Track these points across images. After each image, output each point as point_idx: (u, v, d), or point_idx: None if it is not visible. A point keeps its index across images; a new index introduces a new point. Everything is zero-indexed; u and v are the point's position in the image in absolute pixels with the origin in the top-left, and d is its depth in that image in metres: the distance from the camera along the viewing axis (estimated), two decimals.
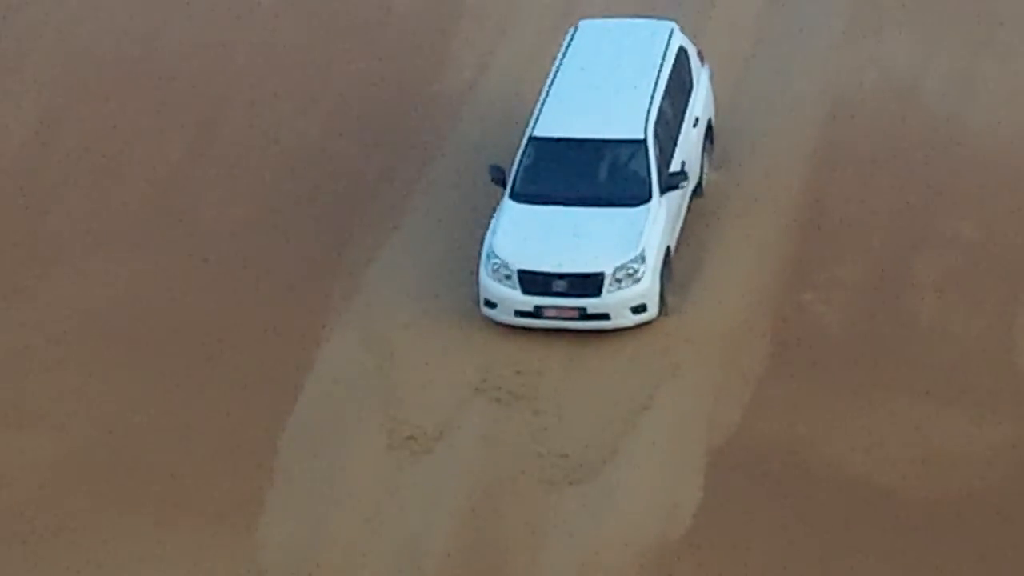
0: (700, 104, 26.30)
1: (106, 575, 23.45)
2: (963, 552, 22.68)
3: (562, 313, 23.71)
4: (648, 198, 24.20)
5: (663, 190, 24.32)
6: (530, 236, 24.17)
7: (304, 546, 23.64)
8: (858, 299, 26.64)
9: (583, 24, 26.82)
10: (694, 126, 25.87)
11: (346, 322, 26.55)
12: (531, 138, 24.88)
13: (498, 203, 24.90)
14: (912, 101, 30.35)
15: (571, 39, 26.37)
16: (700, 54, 26.91)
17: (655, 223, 24.12)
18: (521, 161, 24.82)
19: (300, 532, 23.93)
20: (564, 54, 26.06)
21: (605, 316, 23.73)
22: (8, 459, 25.39)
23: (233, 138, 31.41)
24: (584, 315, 23.72)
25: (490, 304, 24.13)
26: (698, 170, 25.69)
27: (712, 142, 26.55)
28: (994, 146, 28.95)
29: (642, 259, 23.70)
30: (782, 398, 25.11)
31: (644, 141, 24.53)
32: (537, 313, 23.81)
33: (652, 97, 24.96)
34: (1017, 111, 29.37)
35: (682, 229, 25.24)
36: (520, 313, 23.86)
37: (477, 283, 24.52)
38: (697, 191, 25.70)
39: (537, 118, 25.06)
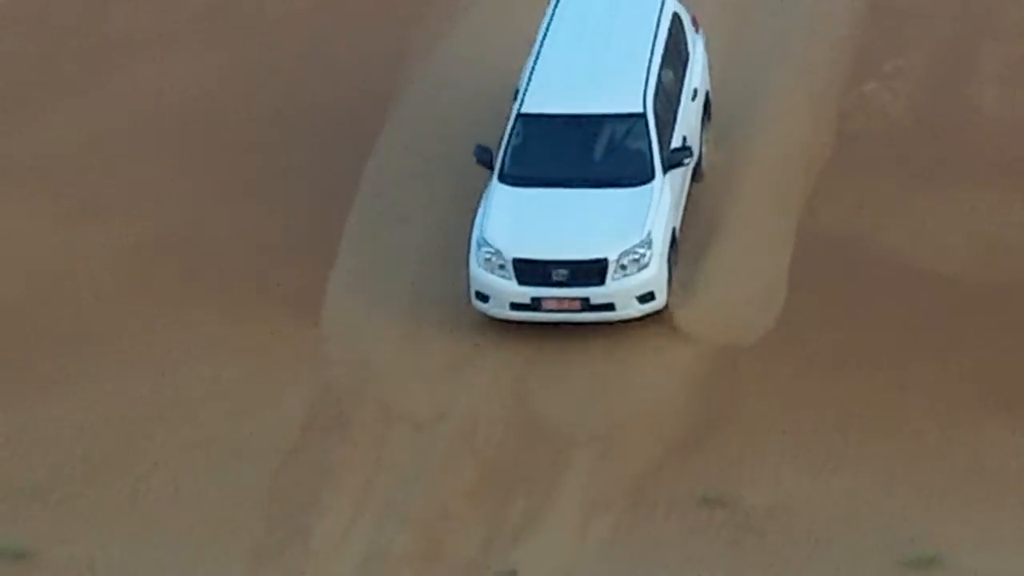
0: (697, 75, 25.10)
1: (174, 363, 24.01)
2: (1013, 328, 23.37)
3: (563, 305, 22.34)
4: (651, 177, 22.86)
5: (666, 168, 23.03)
6: (524, 222, 22.89)
7: (362, 338, 23.95)
8: (921, 89, 27.07)
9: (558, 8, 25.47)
10: (693, 99, 24.65)
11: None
12: (520, 115, 23.51)
13: (486, 186, 23.56)
14: None
15: (557, 3, 24.93)
16: (695, 20, 25.57)
17: (660, 204, 22.86)
18: (510, 140, 23.48)
19: (360, 325, 24.26)
20: (550, 21, 24.58)
21: (610, 306, 22.35)
22: (79, 251, 25.98)
23: None
24: (587, 306, 22.35)
25: (482, 297, 22.73)
26: (698, 148, 24.31)
27: (710, 117, 25.39)
28: None
29: (648, 243, 22.46)
30: (846, 188, 25.57)
31: (644, 115, 23.21)
32: (535, 306, 22.39)
33: (649, 67, 23.71)
34: None
35: (686, 208, 24.06)
36: (516, 306, 22.46)
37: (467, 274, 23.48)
38: (696, 174, 24.31)
39: (525, 92, 23.71)
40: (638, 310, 22.16)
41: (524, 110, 23.19)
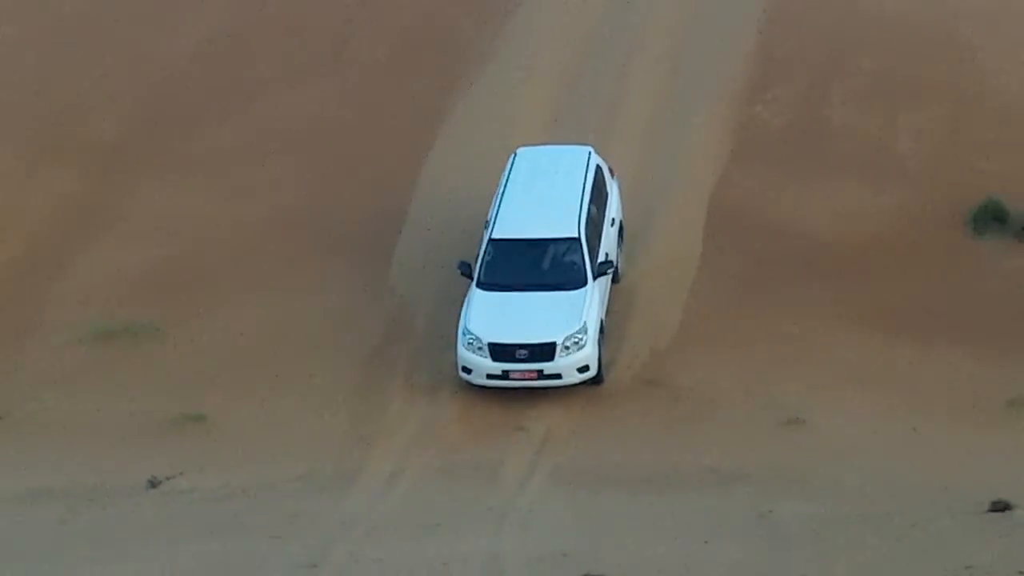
0: (614, 208, 27.36)
1: (298, 296, 27.70)
2: (863, 271, 27.69)
3: (524, 376, 24.95)
4: (584, 283, 25.49)
5: (595, 276, 25.62)
6: (496, 316, 25.18)
7: (419, 273, 28.14)
8: (791, 116, 30.99)
9: (521, 150, 27.78)
10: (612, 226, 26.99)
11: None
12: (491, 240, 26.03)
13: (467, 291, 25.76)
14: None
15: (512, 162, 27.33)
16: (611, 170, 27.78)
17: (592, 302, 25.33)
18: (484, 258, 25.90)
19: (417, 266, 28.38)
20: (508, 174, 27.04)
21: (558, 376, 24.92)
22: (221, 221, 29.37)
23: None
24: (541, 375, 24.93)
25: (466, 370, 25.19)
26: (616, 261, 26.71)
27: (623, 239, 27.61)
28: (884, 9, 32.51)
29: (584, 331, 24.95)
30: (745, 176, 29.80)
31: (578, 239, 25.78)
32: (504, 376, 24.95)
33: (581, 204, 26.12)
34: None
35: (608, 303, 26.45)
36: (491, 376, 24.98)
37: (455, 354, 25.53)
38: (615, 279, 26.81)
39: (493, 224, 26.20)
40: (577, 378, 24.98)
41: (494, 236, 26.06)
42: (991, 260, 27.93)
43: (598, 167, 27.14)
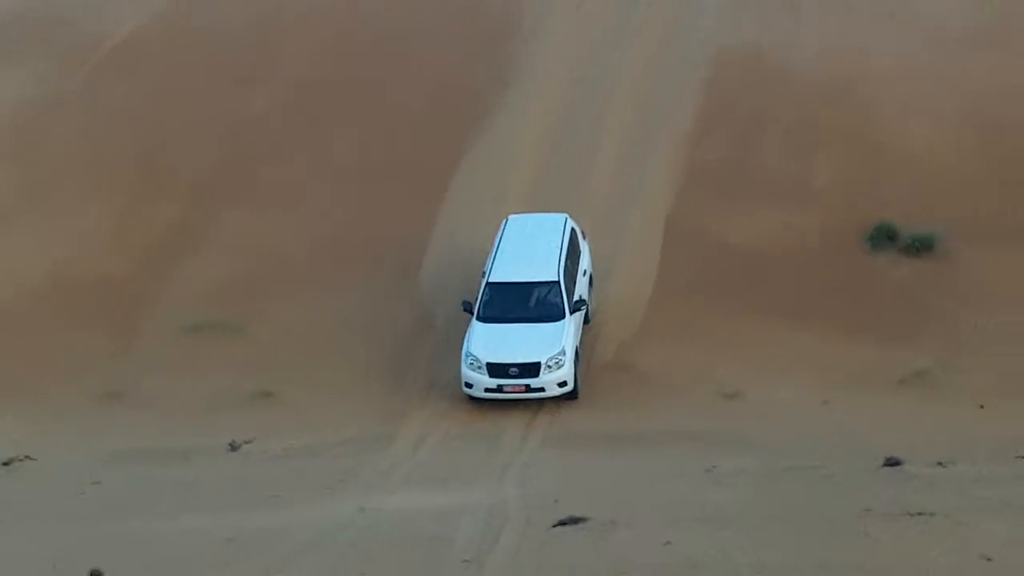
0: (586, 262, 26.72)
1: (344, 294, 27.62)
2: (785, 278, 27.57)
3: (515, 389, 24.33)
4: (563, 316, 24.92)
5: (571, 312, 25.03)
6: (492, 342, 24.55)
7: (440, 284, 27.75)
8: (727, 155, 30.76)
9: (511, 217, 27.25)
10: (583, 275, 26.37)
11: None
12: (488, 283, 25.42)
13: (468, 324, 25.17)
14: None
15: (504, 225, 26.79)
16: (583, 232, 27.17)
17: (568, 331, 24.74)
18: (482, 297, 25.25)
19: (450, 274, 27.98)
20: (501, 234, 26.50)
21: (542, 389, 24.33)
22: (284, 240, 29.32)
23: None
24: (528, 389, 24.32)
25: (468, 385, 24.54)
26: (587, 303, 26.07)
27: (592, 287, 26.95)
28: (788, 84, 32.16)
29: (563, 353, 24.34)
30: (691, 204, 29.64)
31: (558, 282, 25.24)
32: (499, 389, 24.35)
33: (560, 256, 25.61)
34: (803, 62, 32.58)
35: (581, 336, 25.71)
36: (488, 390, 24.39)
37: (459, 373, 24.84)
38: (586, 319, 26.07)
39: (490, 271, 25.56)
40: (558, 392, 24.39)
41: (491, 280, 25.41)
42: (884, 270, 27.81)
43: (573, 229, 26.68)
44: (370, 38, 34.86)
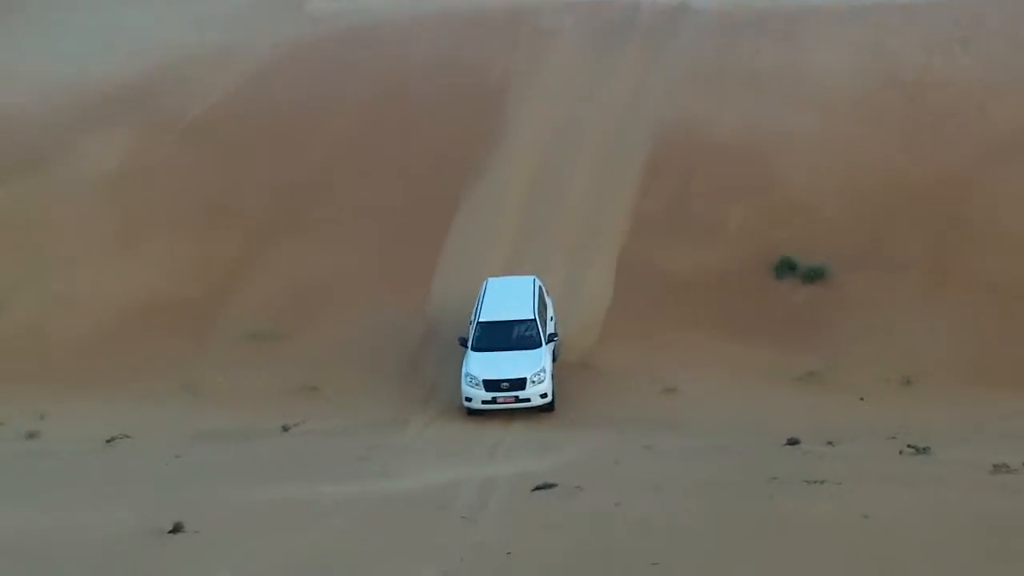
0: (550, 310, 25.83)
1: (359, 315, 27.34)
2: (711, 299, 27.39)
3: (506, 401, 23.56)
4: (540, 345, 24.18)
5: (546, 342, 24.30)
6: (486, 364, 23.75)
7: (461, 299, 27.11)
8: (666, 205, 30.64)
9: (490, 279, 26.27)
10: (551, 320, 25.53)
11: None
12: (479, 323, 24.60)
13: (464, 354, 24.30)
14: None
15: (485, 286, 25.88)
16: (548, 290, 26.31)
17: (545, 356, 23.99)
18: (474, 334, 24.46)
19: (453, 295, 27.54)
20: (483, 293, 25.58)
21: (528, 400, 23.56)
22: (324, 267, 28.95)
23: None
24: (517, 400, 23.56)
25: (468, 399, 23.77)
26: (557, 338, 25.20)
27: (557, 330, 25.67)
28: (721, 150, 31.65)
29: (544, 371, 23.65)
30: (639, 242, 29.39)
31: (534, 319, 24.50)
32: (493, 401, 23.59)
33: (533, 302, 24.88)
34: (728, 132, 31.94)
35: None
36: (484, 402, 23.63)
37: (460, 390, 24.06)
38: (555, 357, 24.96)
39: (479, 315, 24.77)
40: (540, 403, 23.62)
41: (480, 320, 24.63)
42: (785, 293, 27.63)
43: (540, 287, 25.79)
44: (389, 112, 34.49)
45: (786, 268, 28.32)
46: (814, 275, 28.07)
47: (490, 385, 23.56)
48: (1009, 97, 32.36)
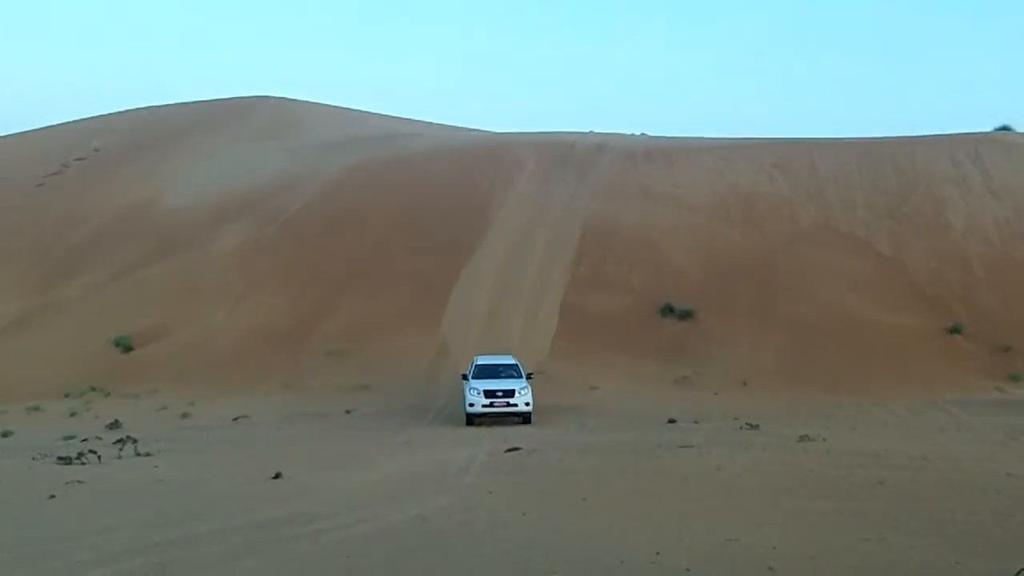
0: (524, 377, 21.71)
1: (394, 338, 26.48)
2: (621, 331, 26.64)
3: (500, 406, 21.14)
4: (523, 378, 21.71)
5: (527, 378, 21.72)
6: (485, 383, 21.42)
7: (460, 330, 26.81)
8: (591, 270, 29.78)
9: (477, 357, 22.93)
10: (528, 380, 21.72)
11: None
12: (476, 364, 22.21)
13: (466, 385, 21.68)
14: None
15: (473, 362, 22.61)
16: (520, 366, 22.27)
17: (527, 384, 21.42)
18: (473, 372, 21.94)
19: (461, 328, 27.29)
20: (473, 364, 22.45)
21: (516, 406, 21.13)
22: (370, 309, 27.94)
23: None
24: (508, 405, 21.15)
25: (471, 405, 21.25)
26: (531, 378, 22.10)
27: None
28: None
29: (527, 387, 21.31)
30: (574, 293, 28.57)
31: (517, 364, 22.16)
32: (491, 406, 21.16)
33: (518, 363, 22.29)
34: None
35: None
36: (484, 406, 21.18)
37: (463, 402, 21.55)
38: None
39: (475, 365, 22.22)
40: (525, 410, 21.08)
41: (478, 363, 22.17)
42: (667, 326, 27.37)
43: (517, 364, 22.56)
44: (414, 212, 33.52)
45: (667, 310, 27.99)
46: (685, 315, 27.73)
47: (488, 394, 21.45)
48: (808, 204, 31.98)
